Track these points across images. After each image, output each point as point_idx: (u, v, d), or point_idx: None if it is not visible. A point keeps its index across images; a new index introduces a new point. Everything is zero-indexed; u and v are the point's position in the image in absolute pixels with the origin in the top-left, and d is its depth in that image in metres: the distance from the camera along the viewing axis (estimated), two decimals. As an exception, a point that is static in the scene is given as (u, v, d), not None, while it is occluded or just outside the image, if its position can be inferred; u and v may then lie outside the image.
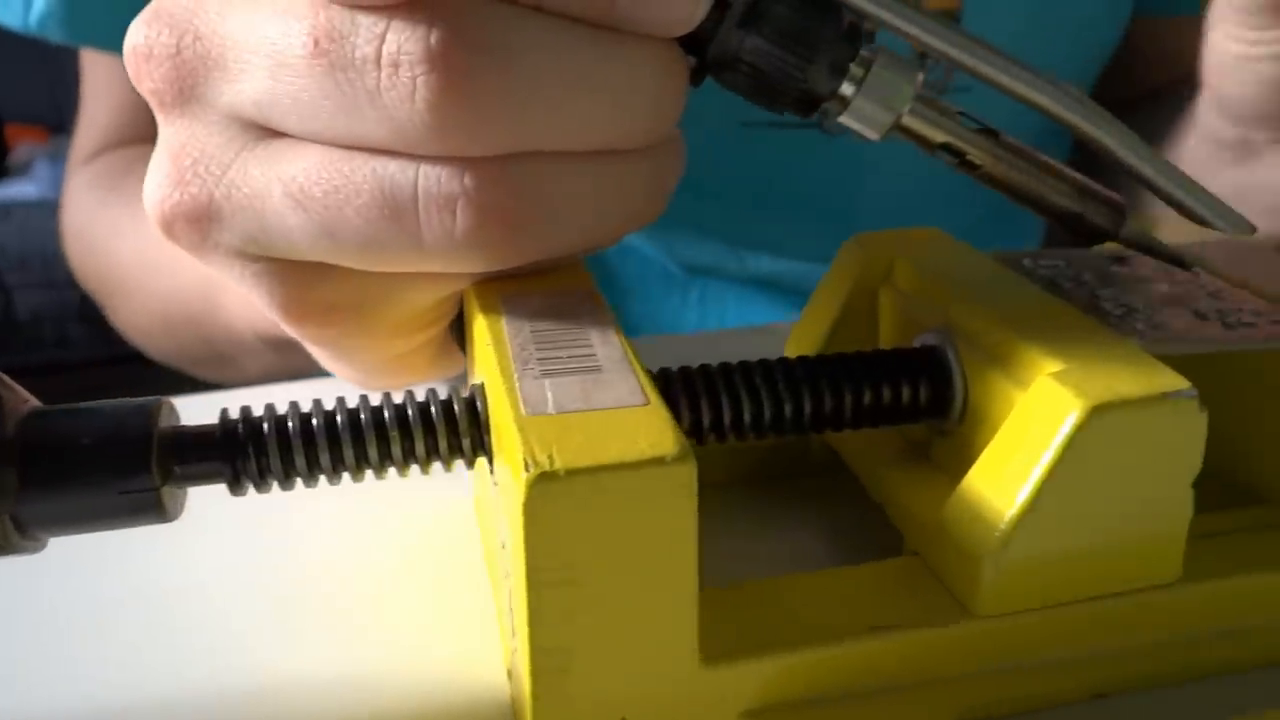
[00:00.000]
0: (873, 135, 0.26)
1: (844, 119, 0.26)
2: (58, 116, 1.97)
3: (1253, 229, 0.26)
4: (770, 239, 0.57)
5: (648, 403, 0.20)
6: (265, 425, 0.22)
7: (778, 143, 0.54)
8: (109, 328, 0.61)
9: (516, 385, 0.21)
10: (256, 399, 0.23)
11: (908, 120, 0.26)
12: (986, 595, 0.22)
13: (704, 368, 0.24)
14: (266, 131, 0.23)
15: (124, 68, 0.25)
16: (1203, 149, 0.50)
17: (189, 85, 0.24)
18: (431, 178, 0.22)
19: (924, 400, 0.25)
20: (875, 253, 0.29)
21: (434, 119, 0.21)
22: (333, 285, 0.25)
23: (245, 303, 0.39)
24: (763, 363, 0.25)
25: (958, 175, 0.26)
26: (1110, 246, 0.27)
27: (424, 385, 0.25)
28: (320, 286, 0.25)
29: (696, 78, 0.26)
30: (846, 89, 0.26)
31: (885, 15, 0.25)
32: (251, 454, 0.21)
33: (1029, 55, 0.56)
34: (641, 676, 0.20)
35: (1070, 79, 0.62)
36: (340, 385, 0.32)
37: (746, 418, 0.24)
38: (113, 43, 0.42)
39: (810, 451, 0.30)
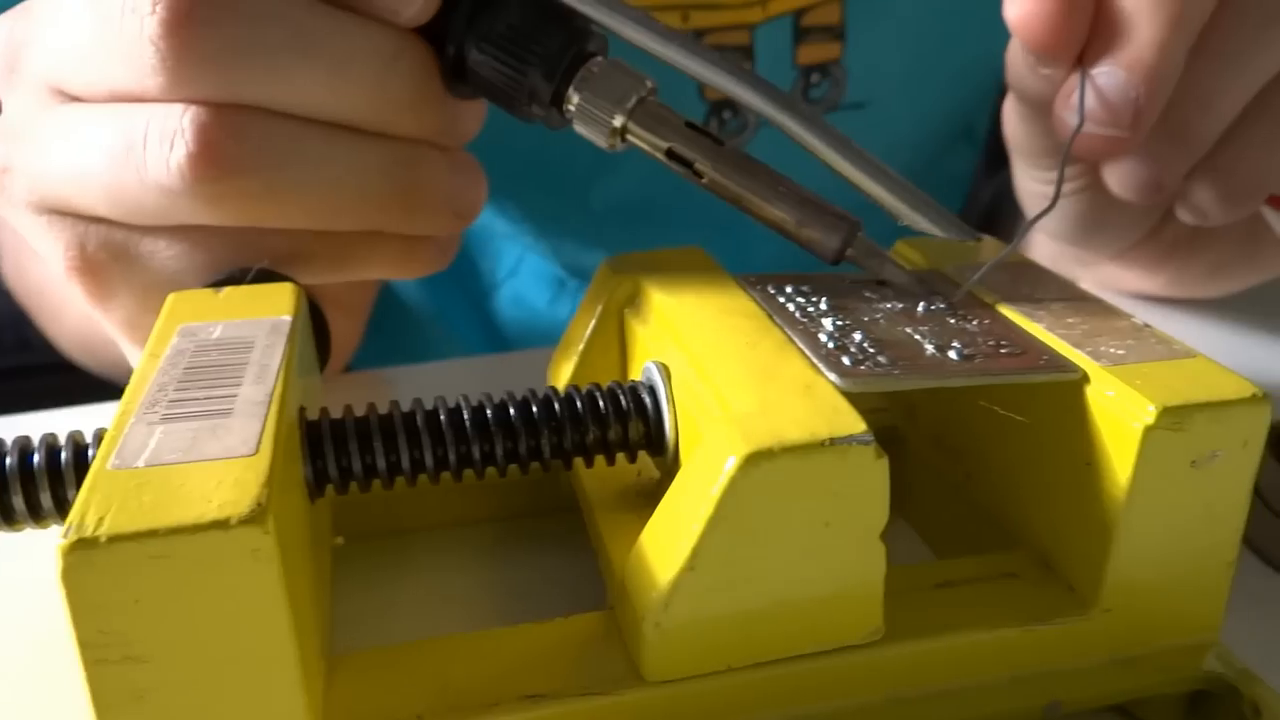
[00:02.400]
0: (601, 142, 0.26)
1: (575, 125, 0.25)
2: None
3: (976, 236, 0.24)
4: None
5: (254, 453, 0.18)
6: None
7: None
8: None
9: (125, 431, 0.19)
10: None
11: (634, 128, 0.25)
12: (651, 659, 0.20)
13: (378, 411, 0.23)
14: (65, 96, 0.27)
15: None
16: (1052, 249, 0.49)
17: (15, 60, 0.27)
18: (158, 115, 0.25)
19: (635, 438, 0.23)
20: (624, 275, 0.27)
21: (157, 56, 0.24)
22: (102, 239, 0.27)
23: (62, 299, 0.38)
24: (460, 403, 0.23)
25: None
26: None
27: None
28: (92, 240, 0.27)
29: (455, 79, 0.27)
30: (572, 95, 0.25)
31: (587, 9, 0.24)
32: None
33: (914, 96, 0.55)
34: (247, 758, 0.18)
35: (963, 117, 0.61)
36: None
37: (387, 464, 0.22)
38: None
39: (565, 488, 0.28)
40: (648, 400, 0.23)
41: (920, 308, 0.25)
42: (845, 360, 0.21)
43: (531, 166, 0.47)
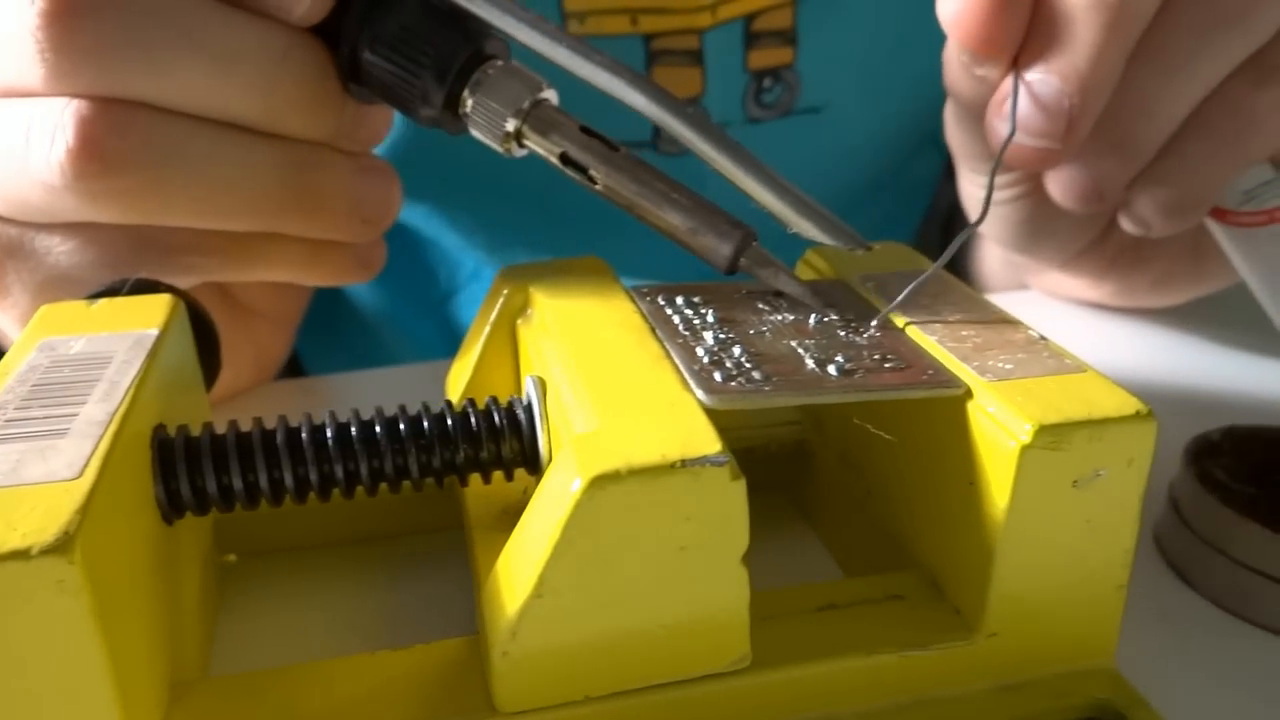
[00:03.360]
0: (496, 147, 0.25)
1: (471, 130, 0.25)
2: None
3: (867, 246, 0.24)
4: (608, 258, 0.55)
5: (76, 477, 0.17)
6: None
7: None
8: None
9: (-52, 454, 0.18)
10: None
11: (528, 133, 0.25)
12: (502, 689, 0.19)
13: (236, 431, 0.22)
14: None
15: None
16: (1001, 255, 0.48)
17: None
18: (41, 109, 0.24)
19: (510, 457, 0.22)
20: (516, 285, 0.26)
21: (38, 48, 0.24)
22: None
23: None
24: (327, 420, 0.22)
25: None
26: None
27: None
28: None
29: (352, 80, 0.26)
30: (466, 98, 0.25)
31: (476, 9, 0.24)
32: None
33: (871, 101, 0.54)
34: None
35: (925, 122, 0.61)
36: None
37: (244, 484, 0.21)
38: None
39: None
40: (522, 417, 0.22)
41: (812, 320, 0.24)
42: (717, 376, 0.21)
43: (487, 173, 0.46)
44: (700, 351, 0.22)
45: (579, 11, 0.45)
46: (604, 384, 0.21)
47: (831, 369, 0.21)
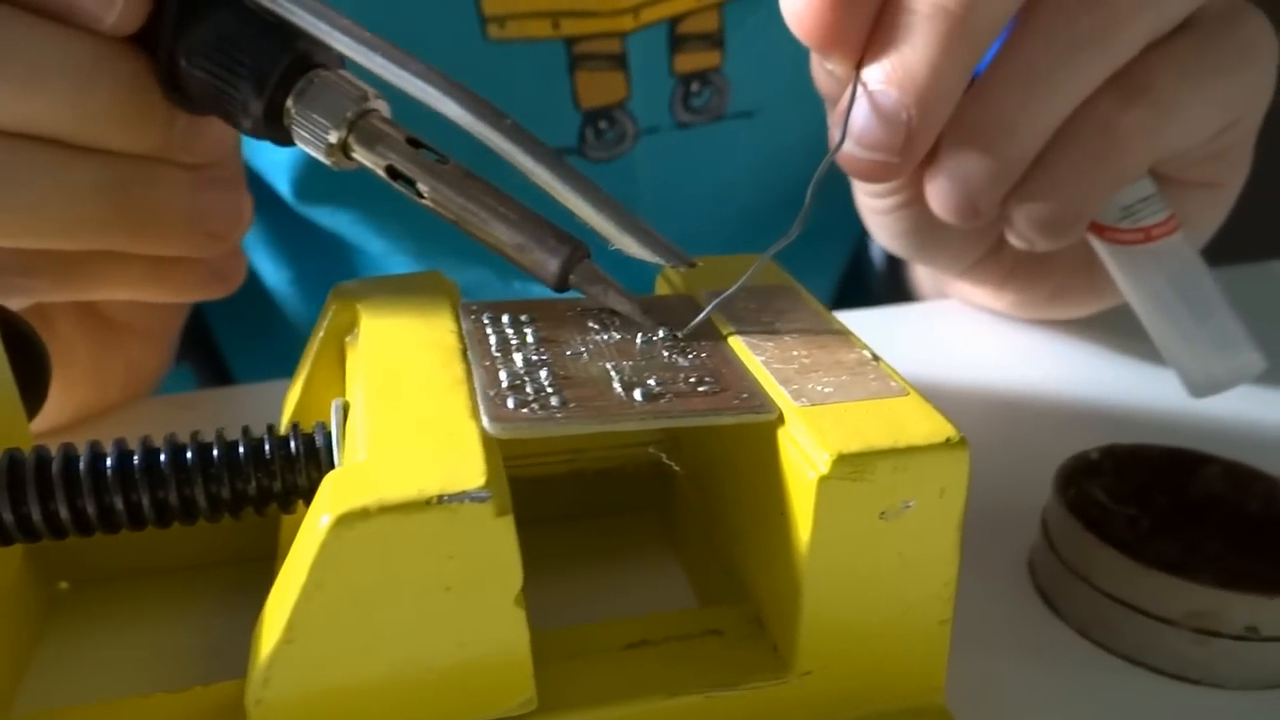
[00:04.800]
0: (324, 159, 0.24)
1: (296, 142, 0.24)
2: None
3: (691, 263, 0.22)
4: None
5: None
6: None
7: None
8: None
9: None
10: None
11: (353, 144, 0.24)
12: (260, 739, 0.18)
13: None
14: None
15: None
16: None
17: None
18: None
19: (306, 486, 0.21)
20: (345, 302, 0.25)
21: None
22: None
23: None
24: (111, 449, 0.21)
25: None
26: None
27: None
28: None
29: (173, 91, 0.25)
30: (289, 109, 0.24)
31: (289, 16, 0.23)
32: None
33: (802, 106, 0.53)
34: None
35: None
36: None
37: (16, 517, 0.20)
38: None
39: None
40: (320, 445, 0.21)
41: (639, 339, 0.23)
42: (510, 403, 0.20)
43: None
44: (504, 375, 0.21)
45: (499, 15, 0.44)
46: (391, 410, 0.19)
47: (638, 393, 0.20)
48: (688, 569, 0.27)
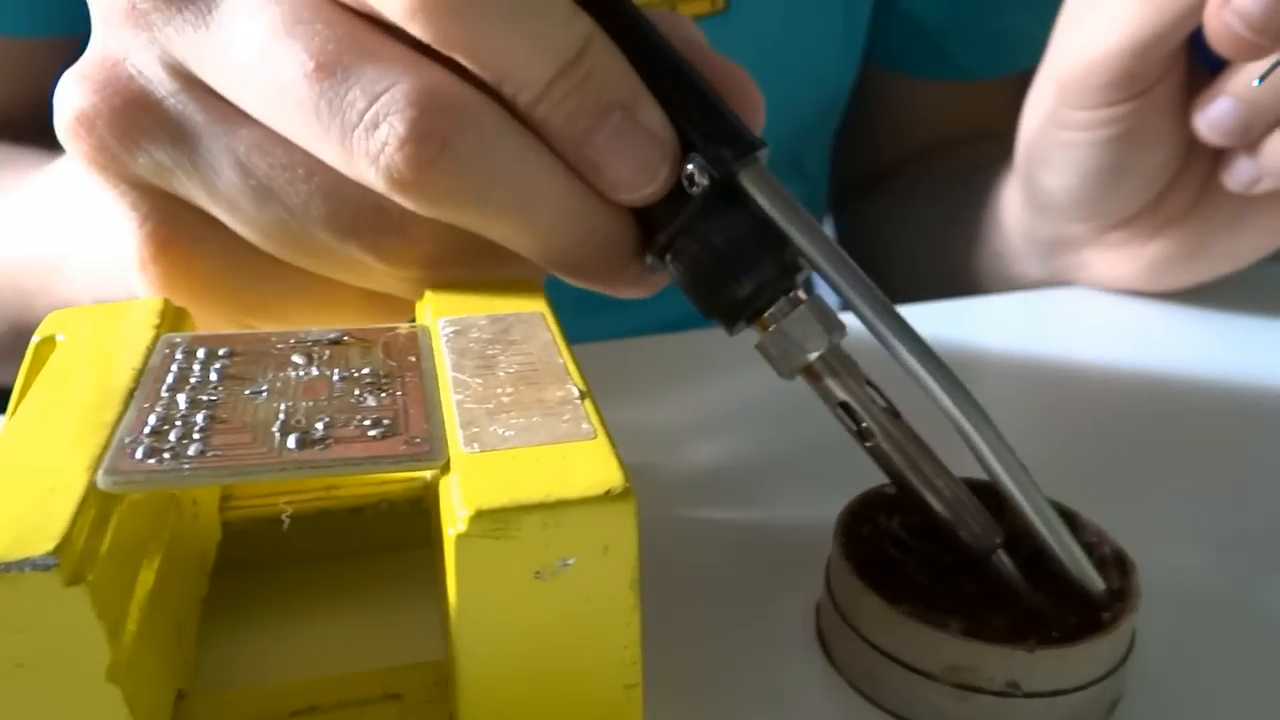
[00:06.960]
0: (783, 371, 0.24)
1: (764, 347, 0.24)
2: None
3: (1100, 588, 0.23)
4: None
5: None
6: None
7: None
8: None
9: None
10: None
11: (817, 368, 0.24)
12: None
13: None
14: (202, 85, 0.23)
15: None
16: (1015, 244, 0.48)
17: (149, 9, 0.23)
18: (367, 202, 0.23)
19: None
20: (50, 332, 0.23)
21: (387, 186, 0.21)
22: (201, 240, 0.25)
23: (91, 270, 0.34)
24: None
25: None
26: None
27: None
28: (187, 236, 0.25)
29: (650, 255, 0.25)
30: (769, 318, 0.24)
31: (817, 259, 0.23)
32: None
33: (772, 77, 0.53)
34: None
35: (796, 121, 0.59)
36: None
37: None
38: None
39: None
40: None
41: (336, 376, 0.21)
42: (139, 452, 0.18)
43: None
44: (153, 419, 0.19)
45: None
46: (7, 462, 0.18)
47: (292, 440, 0.18)
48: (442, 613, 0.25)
